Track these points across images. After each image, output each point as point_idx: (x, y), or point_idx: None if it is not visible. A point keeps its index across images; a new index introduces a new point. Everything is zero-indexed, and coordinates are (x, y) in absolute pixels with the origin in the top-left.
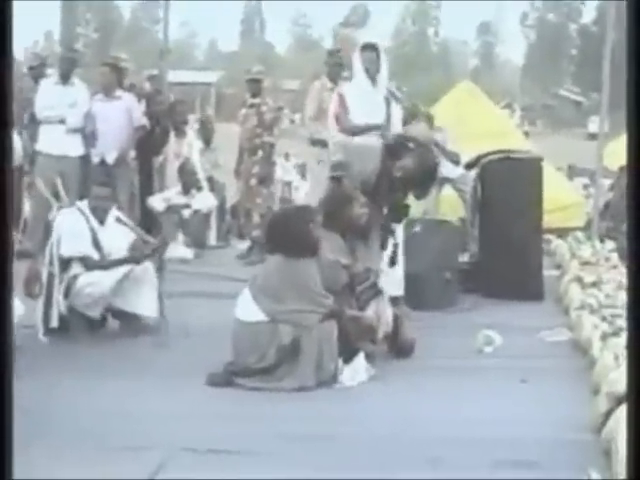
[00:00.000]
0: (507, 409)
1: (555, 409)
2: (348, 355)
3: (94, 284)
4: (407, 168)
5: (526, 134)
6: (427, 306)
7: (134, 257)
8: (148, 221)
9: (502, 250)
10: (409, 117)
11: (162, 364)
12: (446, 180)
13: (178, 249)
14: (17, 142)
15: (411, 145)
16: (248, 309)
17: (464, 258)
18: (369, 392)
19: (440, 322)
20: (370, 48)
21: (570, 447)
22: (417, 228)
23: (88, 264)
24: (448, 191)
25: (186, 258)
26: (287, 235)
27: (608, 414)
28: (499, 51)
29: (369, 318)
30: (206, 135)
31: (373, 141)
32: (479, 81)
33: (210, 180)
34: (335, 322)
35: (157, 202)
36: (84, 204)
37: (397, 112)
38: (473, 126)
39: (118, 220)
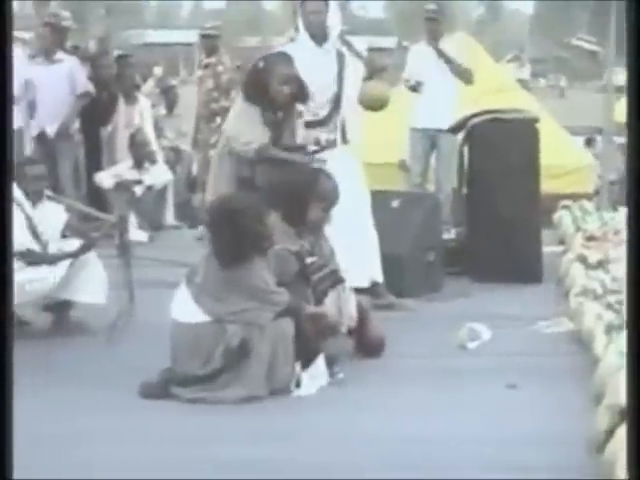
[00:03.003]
0: (490, 423)
1: (548, 423)
2: (306, 358)
3: (36, 281)
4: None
5: (535, 89)
6: (406, 293)
7: (86, 245)
8: (96, 200)
9: (493, 225)
10: (369, 74)
11: (91, 371)
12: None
13: (130, 231)
14: None
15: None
16: (187, 309)
17: (449, 235)
18: (328, 402)
19: (419, 312)
20: None
21: (565, 472)
22: (395, 203)
23: (28, 258)
24: None
25: (139, 241)
26: (233, 230)
27: (611, 431)
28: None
29: (329, 314)
30: (169, 100)
31: None
32: (484, 32)
33: (175, 150)
34: (291, 320)
35: (105, 178)
36: (14, 188)
37: (355, 71)
38: None
39: (50, 198)
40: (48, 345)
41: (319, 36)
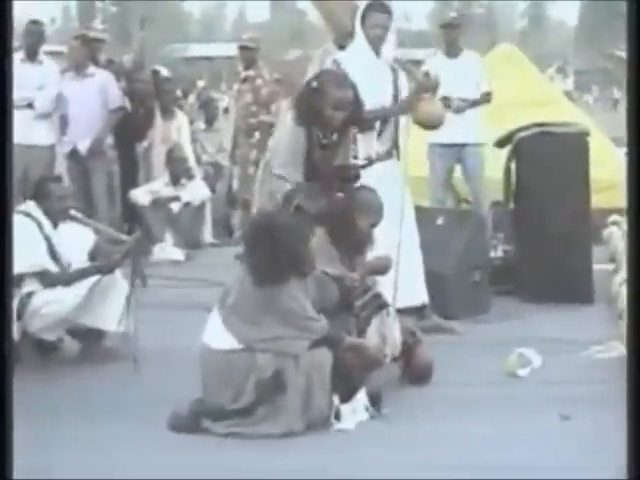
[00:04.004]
0: (541, 457)
1: (605, 458)
2: (346, 392)
3: (53, 303)
4: None
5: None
6: (451, 314)
7: (102, 266)
8: (131, 219)
9: (542, 243)
10: (420, 90)
11: (119, 401)
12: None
13: (166, 250)
14: None
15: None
16: (217, 333)
17: (496, 254)
18: (369, 437)
19: (465, 335)
20: (380, 8)
21: None
22: (439, 220)
23: (46, 280)
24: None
25: (176, 260)
26: (272, 246)
27: None
28: (550, 11)
29: (372, 345)
30: (209, 114)
31: None
32: (527, 43)
33: (215, 166)
34: (329, 350)
35: (141, 195)
36: (33, 206)
37: (405, 86)
38: (512, 94)
39: (74, 219)
40: (76, 373)
41: (377, 48)
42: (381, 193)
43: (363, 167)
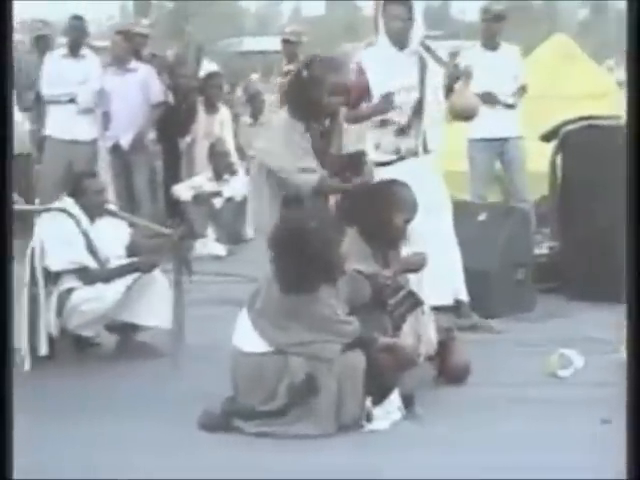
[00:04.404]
0: (582, 460)
1: None
2: (379, 394)
3: (93, 300)
4: None
5: None
6: (493, 313)
7: (141, 264)
8: (174, 214)
9: (589, 239)
10: (452, 81)
11: (153, 398)
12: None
13: (208, 245)
14: (24, 125)
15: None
16: (247, 336)
17: (541, 250)
18: (404, 438)
19: (506, 334)
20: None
21: None
22: (481, 216)
23: (85, 276)
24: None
25: (218, 255)
26: (300, 252)
27: None
28: (612, 0)
29: (407, 345)
30: (255, 108)
31: None
32: (588, 34)
33: None
34: (362, 353)
35: (183, 190)
36: (69, 202)
37: (436, 76)
38: (563, 87)
39: (111, 213)
40: (111, 369)
41: (401, 41)
42: (414, 189)
43: (391, 162)
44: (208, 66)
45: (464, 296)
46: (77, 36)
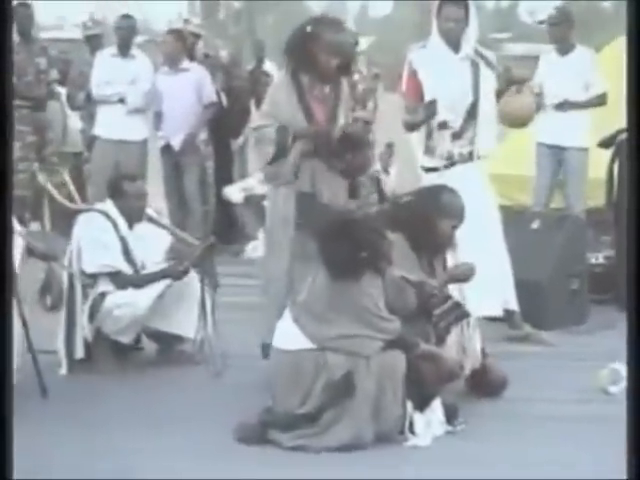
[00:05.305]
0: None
1: None
2: (420, 401)
3: (126, 305)
4: None
5: None
6: (546, 324)
7: (172, 271)
8: (225, 216)
9: None
10: (504, 86)
11: (192, 406)
12: None
13: (259, 248)
14: (76, 125)
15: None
16: (288, 334)
17: (597, 260)
18: (444, 453)
19: (559, 347)
20: (454, 1)
21: None
22: (535, 224)
23: (119, 281)
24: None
25: None
26: (349, 239)
27: None
28: None
29: (449, 357)
30: None
31: None
32: None
33: None
34: (403, 354)
35: (234, 192)
36: (109, 205)
37: (489, 82)
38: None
39: (150, 220)
40: (151, 377)
41: (453, 43)
42: (463, 195)
43: (444, 168)
44: (268, 66)
45: (514, 306)
46: (127, 35)
